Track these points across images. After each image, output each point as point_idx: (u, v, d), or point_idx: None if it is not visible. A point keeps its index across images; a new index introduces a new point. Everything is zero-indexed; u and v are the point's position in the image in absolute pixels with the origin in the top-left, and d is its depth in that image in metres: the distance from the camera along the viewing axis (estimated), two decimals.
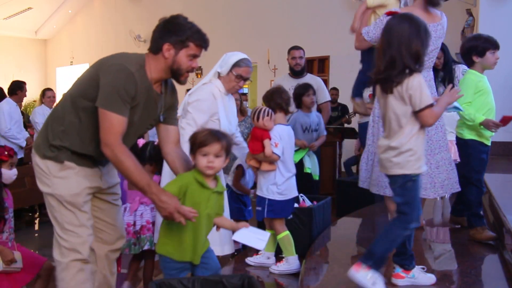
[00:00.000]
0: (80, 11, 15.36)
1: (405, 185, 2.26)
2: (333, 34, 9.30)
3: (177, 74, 2.29)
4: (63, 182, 2.29)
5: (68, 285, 2.30)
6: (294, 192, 3.22)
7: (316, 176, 4.44)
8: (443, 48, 4.58)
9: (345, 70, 8.46)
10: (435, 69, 4.52)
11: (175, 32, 2.22)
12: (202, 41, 2.26)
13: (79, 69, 15.36)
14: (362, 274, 2.26)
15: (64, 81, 16.17)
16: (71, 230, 2.31)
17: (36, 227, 6.85)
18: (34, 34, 16.21)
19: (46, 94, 7.02)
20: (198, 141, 2.23)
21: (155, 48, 2.26)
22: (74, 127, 2.29)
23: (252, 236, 2.36)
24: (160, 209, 2.17)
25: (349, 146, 7.77)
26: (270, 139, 3.07)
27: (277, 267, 3.16)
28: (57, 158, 2.29)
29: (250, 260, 3.28)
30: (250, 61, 3.41)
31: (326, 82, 8.82)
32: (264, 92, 3.44)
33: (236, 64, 3.31)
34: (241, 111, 5.11)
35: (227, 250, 3.38)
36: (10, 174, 3.10)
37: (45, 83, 15.57)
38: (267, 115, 3.09)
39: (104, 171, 2.47)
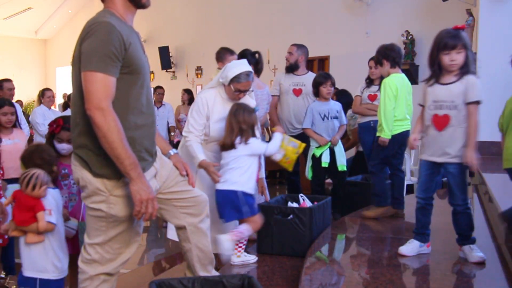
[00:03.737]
0: (80, 11, 15.36)
1: None
2: (333, 34, 9.30)
3: (136, 0, 2.28)
4: (121, 202, 2.07)
5: None
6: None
7: (343, 167, 4.59)
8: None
9: (345, 70, 8.47)
10: (372, 80, 5.03)
11: None
12: None
13: None
14: None
15: (64, 81, 16.18)
16: (111, 248, 2.16)
17: None
18: (34, 34, 16.22)
19: (46, 94, 6.94)
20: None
21: None
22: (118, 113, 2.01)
23: None
24: (136, 194, 1.97)
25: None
26: (44, 210, 2.51)
27: None
28: (113, 174, 2.04)
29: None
30: (250, 73, 3.27)
31: None
32: None
33: (235, 79, 3.21)
34: None
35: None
36: (59, 147, 3.07)
37: (45, 83, 15.58)
38: (44, 184, 2.55)
39: (158, 166, 2.29)
